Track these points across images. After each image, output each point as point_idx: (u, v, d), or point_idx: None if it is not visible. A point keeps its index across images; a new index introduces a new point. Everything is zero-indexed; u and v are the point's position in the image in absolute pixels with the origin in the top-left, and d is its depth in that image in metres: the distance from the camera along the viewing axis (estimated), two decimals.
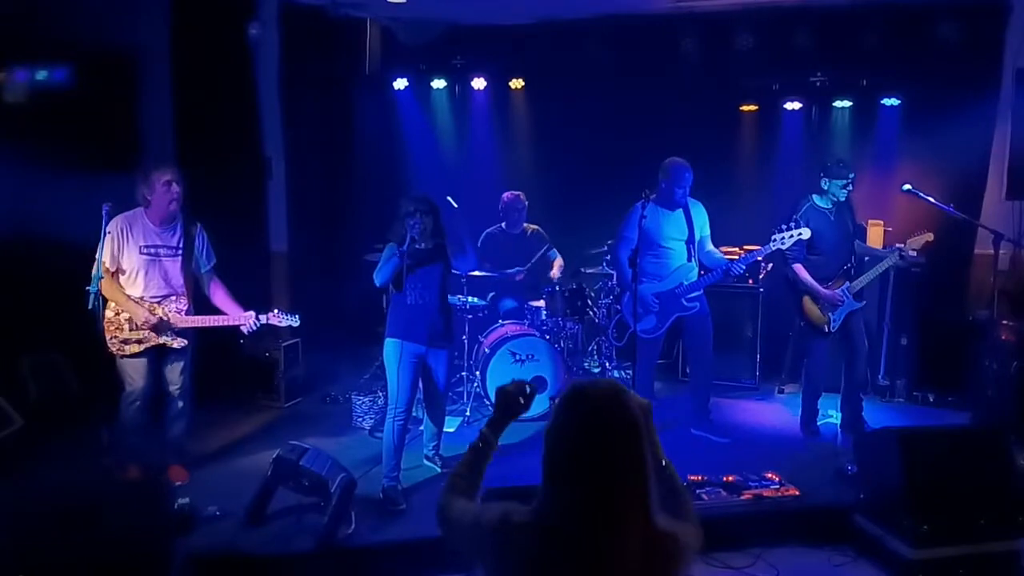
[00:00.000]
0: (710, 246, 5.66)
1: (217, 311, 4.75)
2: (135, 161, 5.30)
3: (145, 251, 4.55)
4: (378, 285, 4.63)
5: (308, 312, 6.64)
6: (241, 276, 4.82)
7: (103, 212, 4.44)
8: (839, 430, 5.68)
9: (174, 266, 4.64)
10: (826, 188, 5.46)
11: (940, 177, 6.28)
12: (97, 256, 4.36)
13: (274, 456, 4.32)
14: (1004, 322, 5.66)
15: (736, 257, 5.62)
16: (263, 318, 4.67)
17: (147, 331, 4.56)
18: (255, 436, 5.56)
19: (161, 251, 4.61)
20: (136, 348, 4.57)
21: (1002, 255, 5.65)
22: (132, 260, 4.51)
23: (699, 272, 5.60)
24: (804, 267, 5.46)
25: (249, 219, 6.46)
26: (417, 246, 4.48)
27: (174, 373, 4.73)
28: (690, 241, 5.57)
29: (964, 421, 5.70)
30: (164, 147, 6.12)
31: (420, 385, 4.78)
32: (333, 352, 6.81)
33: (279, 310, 4.73)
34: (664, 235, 5.52)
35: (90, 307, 4.35)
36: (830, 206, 5.49)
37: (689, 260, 5.57)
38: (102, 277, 4.34)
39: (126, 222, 4.56)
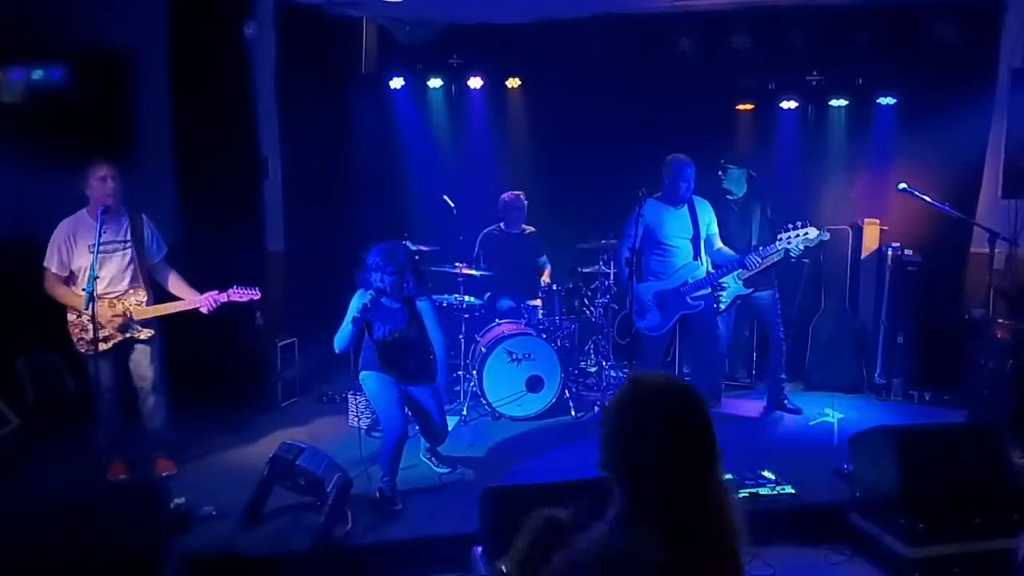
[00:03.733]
0: (719, 244, 5.69)
1: (174, 299, 4.75)
2: (132, 161, 5.30)
3: (94, 249, 4.47)
4: (338, 352, 4.57)
5: (304, 311, 6.69)
6: (237, 275, 4.81)
7: (98, 213, 4.44)
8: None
9: (126, 259, 4.65)
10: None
11: (936, 176, 6.29)
12: (93, 257, 4.35)
13: (270, 455, 4.32)
14: (1000, 320, 5.66)
15: None
16: (223, 296, 4.68)
17: (112, 328, 4.57)
18: (251, 436, 5.55)
19: (110, 247, 4.60)
20: (104, 346, 4.56)
21: (998, 254, 5.67)
22: (83, 261, 4.48)
23: (707, 270, 5.63)
24: None
25: (245, 218, 6.44)
26: (382, 299, 4.51)
27: (143, 366, 4.73)
28: (695, 239, 5.60)
29: (960, 419, 5.72)
30: (161, 146, 6.12)
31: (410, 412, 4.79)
32: (329, 351, 6.78)
33: (237, 286, 4.71)
34: (667, 233, 5.53)
35: (86, 307, 4.35)
36: (735, 199, 5.96)
37: (695, 258, 5.59)
38: (97, 277, 4.34)
39: (70, 227, 4.56)
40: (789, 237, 5.32)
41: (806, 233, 5.30)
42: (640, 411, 1.78)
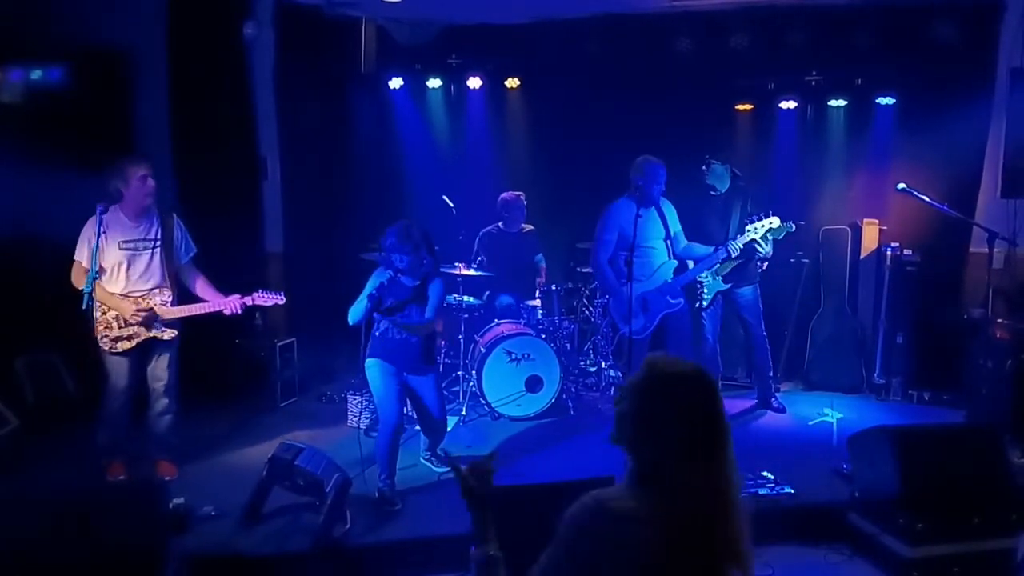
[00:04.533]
0: (685, 241, 5.85)
1: (198, 301, 4.75)
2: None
3: (124, 247, 4.54)
4: (351, 324, 4.54)
5: (304, 312, 6.69)
6: (236, 276, 4.81)
7: (97, 212, 4.44)
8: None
9: (154, 259, 4.64)
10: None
11: (935, 176, 6.30)
12: (92, 257, 4.36)
13: (269, 456, 4.32)
14: (999, 320, 5.67)
15: None
16: (248, 300, 4.68)
17: (138, 326, 4.57)
18: (250, 436, 5.55)
19: (140, 245, 4.60)
20: (128, 345, 4.56)
21: (997, 253, 5.67)
22: (112, 257, 4.50)
23: (674, 270, 5.79)
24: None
25: (244, 219, 6.45)
26: (401, 277, 4.52)
27: (160, 368, 4.72)
28: (667, 239, 5.71)
29: (959, 419, 5.72)
30: (160, 146, 6.12)
31: (409, 403, 4.79)
32: (328, 351, 6.81)
33: (263, 290, 4.72)
34: (646, 235, 5.63)
35: (85, 308, 4.35)
36: (718, 194, 6.01)
37: (669, 258, 5.72)
38: (96, 278, 4.34)
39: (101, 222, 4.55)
40: (756, 228, 5.52)
41: (770, 222, 5.50)
42: (653, 395, 1.88)
